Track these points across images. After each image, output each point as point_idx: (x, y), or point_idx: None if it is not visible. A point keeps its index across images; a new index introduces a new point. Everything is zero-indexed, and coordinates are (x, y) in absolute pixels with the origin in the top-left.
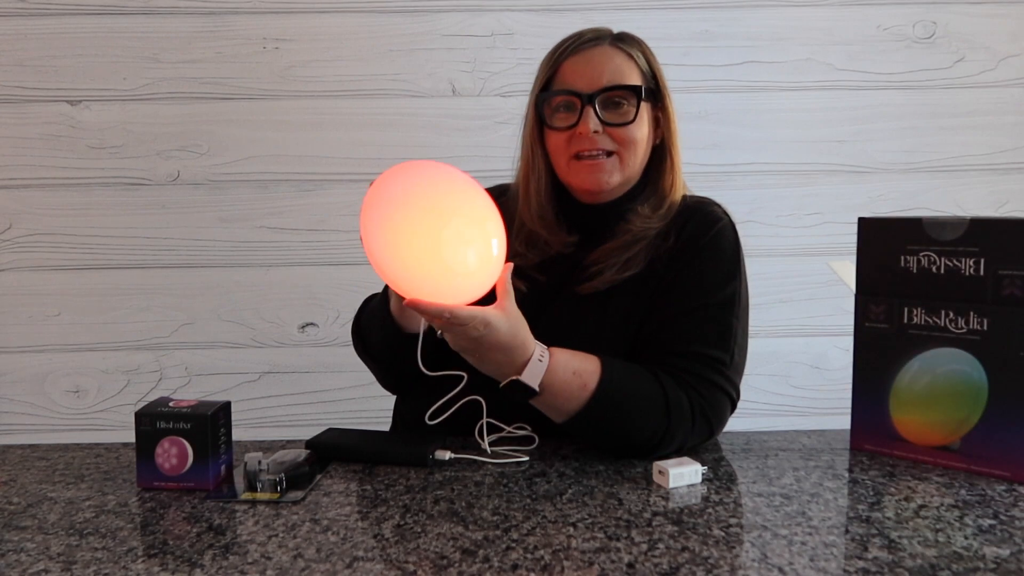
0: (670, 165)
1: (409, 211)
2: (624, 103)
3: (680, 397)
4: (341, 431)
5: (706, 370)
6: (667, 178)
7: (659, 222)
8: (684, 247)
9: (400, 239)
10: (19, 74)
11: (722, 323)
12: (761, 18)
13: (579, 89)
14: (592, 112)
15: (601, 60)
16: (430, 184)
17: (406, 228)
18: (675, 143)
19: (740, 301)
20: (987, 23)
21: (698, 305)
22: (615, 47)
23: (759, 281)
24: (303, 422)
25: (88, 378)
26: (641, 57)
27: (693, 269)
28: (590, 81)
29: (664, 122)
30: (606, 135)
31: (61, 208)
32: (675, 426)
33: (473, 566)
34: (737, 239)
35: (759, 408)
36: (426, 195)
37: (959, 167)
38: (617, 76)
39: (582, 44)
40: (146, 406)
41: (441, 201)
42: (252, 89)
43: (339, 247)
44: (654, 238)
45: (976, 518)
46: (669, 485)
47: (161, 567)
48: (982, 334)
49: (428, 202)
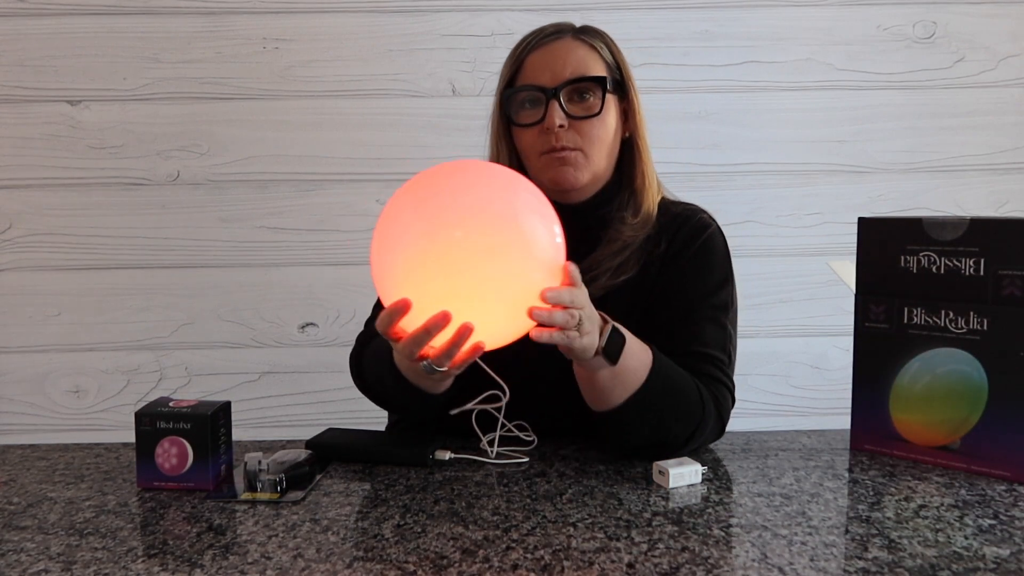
0: (639, 158)
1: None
2: (589, 96)
3: (704, 391)
4: (341, 431)
5: (711, 368)
6: (638, 172)
7: (645, 227)
8: (677, 253)
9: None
10: (19, 74)
11: (719, 325)
12: (761, 18)
13: (543, 83)
14: (557, 105)
15: (563, 53)
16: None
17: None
18: (643, 136)
19: (733, 305)
20: (987, 23)
21: (695, 307)
22: (578, 39)
23: (759, 281)
24: (303, 422)
25: (88, 378)
26: (605, 49)
27: (687, 274)
28: (553, 75)
29: (631, 115)
30: (572, 131)
31: (61, 208)
32: (706, 419)
33: (473, 566)
34: (727, 245)
35: (759, 408)
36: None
37: (959, 167)
38: (581, 68)
39: (544, 38)
40: (146, 406)
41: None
42: (252, 89)
43: (339, 247)
44: (644, 242)
45: (976, 518)
46: (669, 485)
47: (161, 567)
48: (982, 334)
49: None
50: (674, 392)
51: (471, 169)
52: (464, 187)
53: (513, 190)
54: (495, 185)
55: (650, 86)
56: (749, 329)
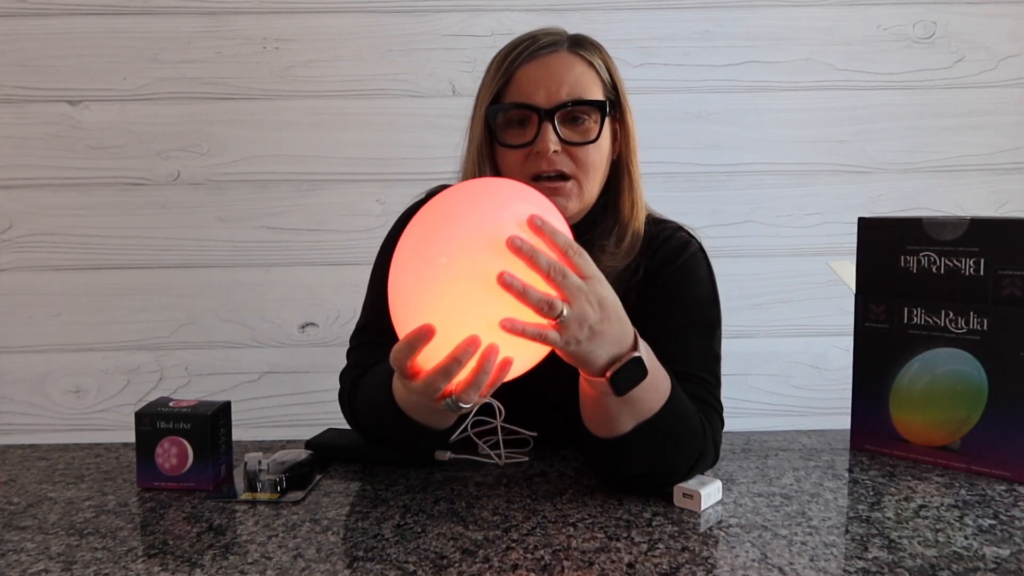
0: (628, 184)
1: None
2: (586, 119)
3: (704, 419)
4: (341, 431)
5: (700, 391)
6: (626, 199)
7: (626, 258)
8: (655, 273)
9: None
10: (19, 74)
11: (706, 346)
12: (761, 18)
13: (536, 103)
14: (551, 129)
15: (560, 69)
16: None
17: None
18: (634, 160)
19: (720, 327)
20: (987, 23)
21: (680, 327)
22: (574, 54)
23: (759, 281)
24: (303, 422)
25: (88, 378)
26: (602, 66)
27: (671, 292)
28: (548, 94)
29: (623, 135)
30: (564, 155)
31: (61, 208)
32: (706, 450)
33: (473, 566)
34: (710, 263)
35: (759, 408)
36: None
37: (959, 167)
38: (579, 89)
39: (538, 50)
40: (146, 406)
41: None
42: (252, 89)
43: (339, 247)
44: (622, 272)
45: (976, 518)
46: (701, 507)
47: (161, 567)
48: (982, 334)
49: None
50: (683, 424)
51: (485, 188)
52: (467, 210)
53: (523, 204)
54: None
55: (650, 86)
56: (749, 329)
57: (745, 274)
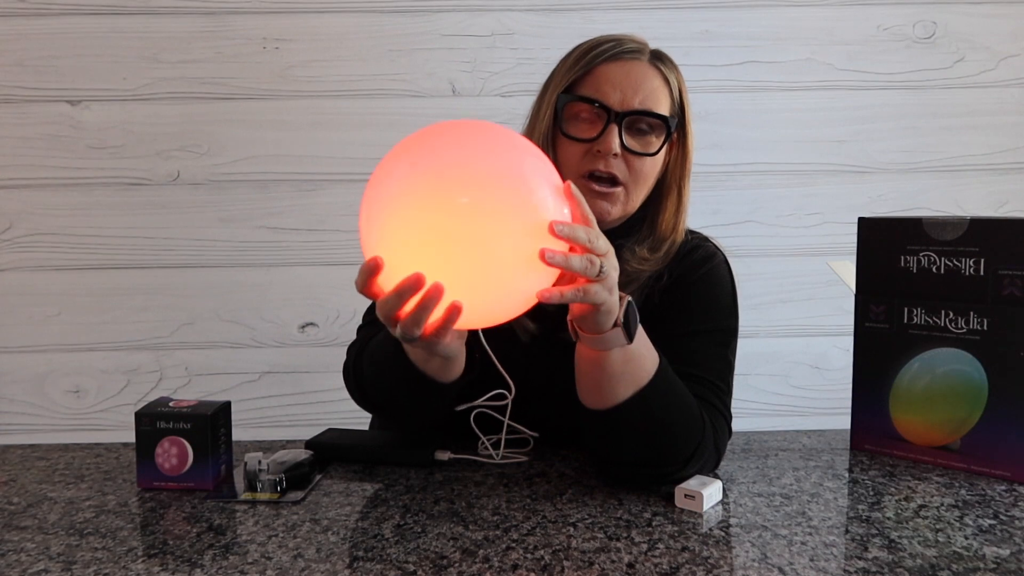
0: (677, 206)
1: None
2: (651, 133)
3: (704, 413)
4: (341, 431)
5: (709, 394)
6: (667, 218)
7: (656, 265)
8: (679, 279)
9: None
10: (19, 74)
11: (720, 354)
12: (761, 18)
13: (610, 103)
14: (617, 131)
15: (639, 77)
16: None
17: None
18: (687, 182)
19: (736, 339)
20: (987, 23)
21: (697, 333)
22: (654, 67)
23: (759, 281)
24: (303, 422)
25: (88, 378)
26: (676, 86)
27: (690, 300)
28: (623, 97)
29: (680, 157)
30: (622, 162)
31: (61, 208)
32: (706, 441)
33: (473, 566)
34: (733, 276)
35: (759, 408)
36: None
37: (959, 167)
38: (651, 101)
39: (623, 53)
40: (146, 406)
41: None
42: (252, 89)
43: (339, 247)
44: (647, 278)
45: (976, 518)
46: (703, 508)
47: (161, 567)
48: (982, 334)
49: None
50: (677, 401)
51: (472, 128)
52: (462, 146)
53: (519, 155)
54: (498, 147)
55: None
56: (749, 329)
57: (745, 274)
